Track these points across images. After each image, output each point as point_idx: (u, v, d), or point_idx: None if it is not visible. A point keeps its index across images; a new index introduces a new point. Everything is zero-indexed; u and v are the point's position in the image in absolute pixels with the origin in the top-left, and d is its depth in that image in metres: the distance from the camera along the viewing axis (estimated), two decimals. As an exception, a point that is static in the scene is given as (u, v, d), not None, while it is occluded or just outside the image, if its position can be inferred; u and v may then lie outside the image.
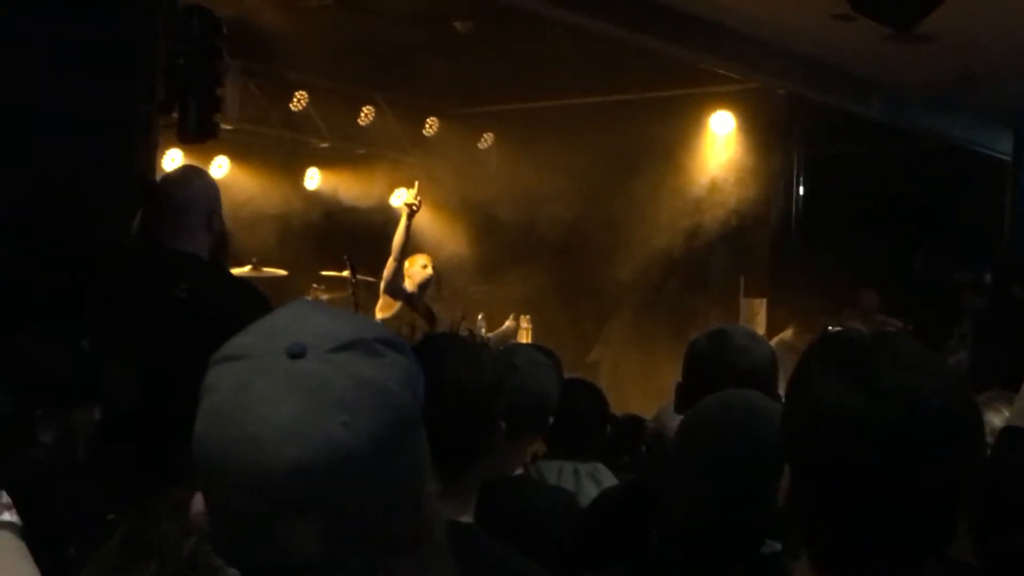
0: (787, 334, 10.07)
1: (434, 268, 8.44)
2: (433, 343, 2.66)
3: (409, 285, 8.14)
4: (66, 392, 2.44)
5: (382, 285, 8.16)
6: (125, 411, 2.61)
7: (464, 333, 7.71)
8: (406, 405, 1.19)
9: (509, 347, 3.84)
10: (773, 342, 7.42)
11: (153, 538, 1.40)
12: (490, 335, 8.94)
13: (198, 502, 1.19)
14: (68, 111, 4.33)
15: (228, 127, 8.95)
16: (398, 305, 8.07)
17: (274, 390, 1.13)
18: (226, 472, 1.13)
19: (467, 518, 2.38)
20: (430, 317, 8.34)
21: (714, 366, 3.01)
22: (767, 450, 2.21)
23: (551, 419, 3.47)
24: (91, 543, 2.27)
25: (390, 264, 8.05)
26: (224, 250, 3.99)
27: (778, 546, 2.22)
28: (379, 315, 8.22)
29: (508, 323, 9.53)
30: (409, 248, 8.09)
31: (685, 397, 3.14)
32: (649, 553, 2.43)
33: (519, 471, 3.38)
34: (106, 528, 2.35)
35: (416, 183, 8.28)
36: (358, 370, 1.15)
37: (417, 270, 8.23)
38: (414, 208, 8.02)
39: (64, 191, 4.22)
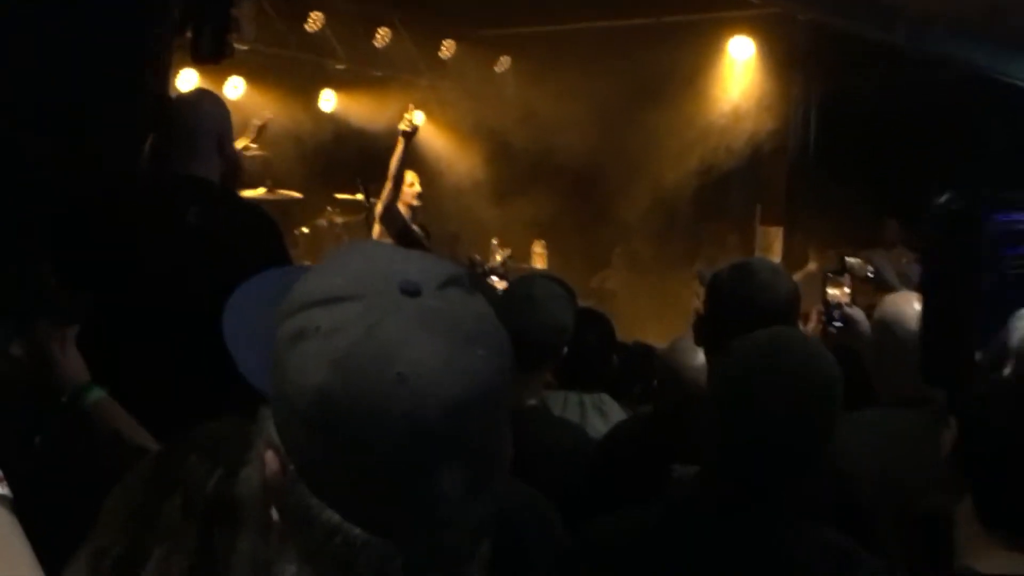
0: (811, 266, 10.03)
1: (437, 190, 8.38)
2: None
3: (401, 207, 8.09)
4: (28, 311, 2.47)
5: (378, 211, 8.08)
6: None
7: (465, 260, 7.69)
8: (507, 337, 1.15)
9: (526, 278, 3.81)
10: (797, 276, 7.38)
11: (179, 472, 1.33)
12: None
13: (272, 460, 1.12)
14: (78, 32, 4.28)
15: (243, 48, 8.90)
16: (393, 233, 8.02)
17: (408, 330, 1.07)
18: (372, 420, 1.05)
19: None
20: (426, 235, 8.29)
21: (736, 300, 2.99)
22: (818, 402, 2.19)
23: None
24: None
25: (387, 188, 7.98)
26: (235, 175, 3.96)
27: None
28: None
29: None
30: (404, 172, 8.04)
31: (705, 331, 3.13)
32: (672, 497, 2.39)
33: (532, 403, 3.38)
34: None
35: (410, 106, 8.22)
36: (472, 305, 1.13)
37: (404, 189, 8.16)
38: (409, 131, 7.97)
39: (74, 114, 4.18)
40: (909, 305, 3.33)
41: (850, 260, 6.61)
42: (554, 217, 10.65)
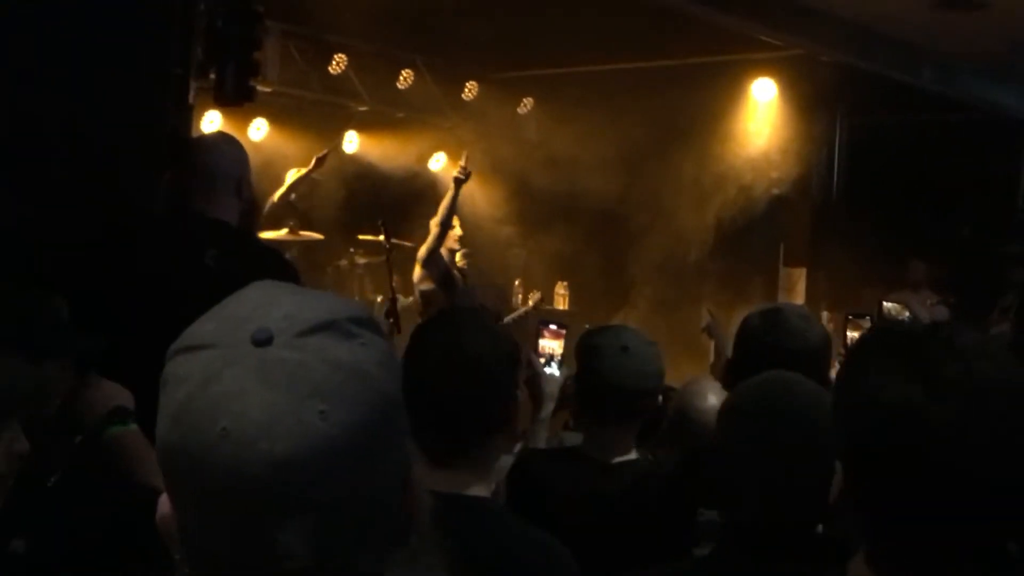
0: (827, 324, 9.98)
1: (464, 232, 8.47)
2: (447, 316, 2.64)
3: (446, 252, 8.19)
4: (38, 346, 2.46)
5: (422, 254, 8.17)
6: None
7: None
8: (387, 389, 1.10)
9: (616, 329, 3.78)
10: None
11: None
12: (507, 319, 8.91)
13: (164, 504, 1.11)
14: (101, 75, 4.31)
15: (267, 89, 8.95)
16: (437, 276, 8.11)
17: (244, 381, 1.05)
18: (201, 473, 1.04)
19: (482, 490, 2.35)
20: (463, 281, 8.35)
21: (766, 346, 2.96)
22: (814, 436, 2.18)
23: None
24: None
25: (433, 231, 8.08)
26: (253, 218, 3.98)
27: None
28: (420, 287, 8.26)
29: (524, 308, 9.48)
30: (452, 218, 8.14)
31: (734, 374, 3.10)
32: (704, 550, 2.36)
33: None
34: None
35: (465, 153, 8.32)
36: (332, 354, 1.08)
37: (448, 233, 8.26)
38: (462, 177, 8.08)
39: (91, 156, 4.20)
40: None
41: (887, 305, 6.59)
42: (576, 258, 10.65)
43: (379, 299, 8.89)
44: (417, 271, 8.33)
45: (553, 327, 4.23)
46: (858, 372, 1.51)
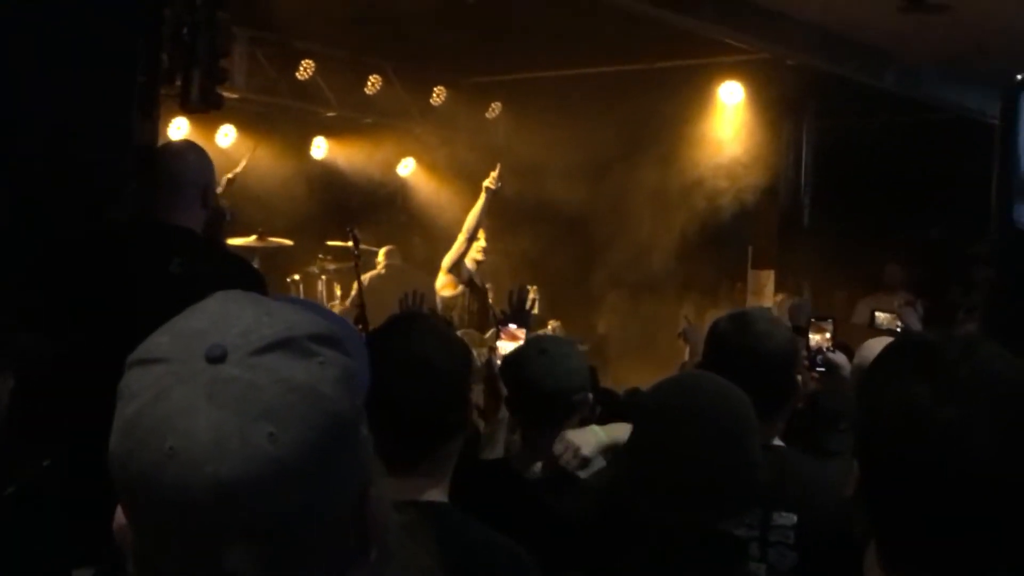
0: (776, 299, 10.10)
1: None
2: (400, 321, 2.64)
3: (469, 262, 8.30)
4: None
5: (447, 263, 8.28)
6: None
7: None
8: (342, 409, 1.08)
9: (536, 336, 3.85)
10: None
11: None
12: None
13: (120, 516, 1.10)
14: (65, 82, 4.29)
15: (235, 96, 8.93)
16: (462, 286, 8.22)
17: (193, 400, 1.03)
18: (146, 491, 1.03)
19: (439, 496, 2.35)
20: (484, 292, 8.47)
21: (736, 350, 3.00)
22: (727, 435, 2.32)
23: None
24: (28, 485, 2.30)
25: (461, 242, 8.19)
26: (219, 226, 3.97)
27: None
28: (442, 293, 8.31)
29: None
30: (479, 229, 8.26)
31: None
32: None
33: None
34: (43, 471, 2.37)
35: (498, 164, 8.42)
36: (286, 374, 1.05)
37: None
38: (494, 188, 8.19)
39: (58, 163, 4.18)
40: None
41: (879, 315, 6.63)
42: (545, 262, 10.65)
43: (346, 305, 8.88)
44: (440, 278, 8.41)
45: (511, 328, 4.26)
46: (875, 379, 1.55)
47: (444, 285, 8.36)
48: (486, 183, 8.39)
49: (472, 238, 8.30)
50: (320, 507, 1.06)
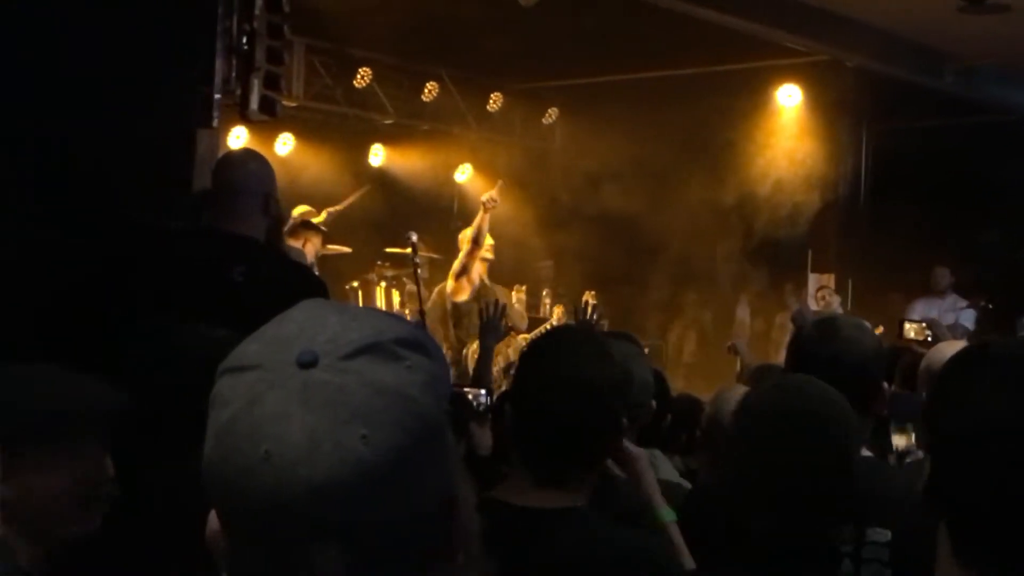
0: None
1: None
2: (558, 337, 2.59)
3: (480, 268, 8.29)
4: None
5: (456, 268, 8.29)
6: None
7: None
8: (429, 412, 1.09)
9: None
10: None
11: None
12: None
13: (213, 520, 1.12)
14: (128, 93, 4.36)
15: (292, 105, 9.00)
16: (471, 288, 8.22)
17: (286, 405, 1.05)
18: (242, 495, 1.05)
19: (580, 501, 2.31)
20: (493, 293, 8.42)
21: (822, 359, 2.92)
22: (833, 442, 2.23)
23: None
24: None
25: (465, 250, 8.19)
26: (280, 233, 3.99)
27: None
28: (453, 299, 8.32)
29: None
30: (481, 237, 8.27)
31: None
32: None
33: None
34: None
35: (499, 182, 8.43)
36: (375, 377, 1.07)
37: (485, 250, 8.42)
38: (490, 206, 8.19)
39: (121, 173, 4.25)
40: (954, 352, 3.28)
41: (908, 325, 6.58)
42: (603, 268, 10.64)
43: (406, 312, 8.92)
44: (450, 284, 8.41)
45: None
46: (957, 382, 1.53)
47: (453, 291, 8.37)
48: (483, 198, 8.39)
49: (476, 246, 8.28)
50: (407, 509, 1.08)
